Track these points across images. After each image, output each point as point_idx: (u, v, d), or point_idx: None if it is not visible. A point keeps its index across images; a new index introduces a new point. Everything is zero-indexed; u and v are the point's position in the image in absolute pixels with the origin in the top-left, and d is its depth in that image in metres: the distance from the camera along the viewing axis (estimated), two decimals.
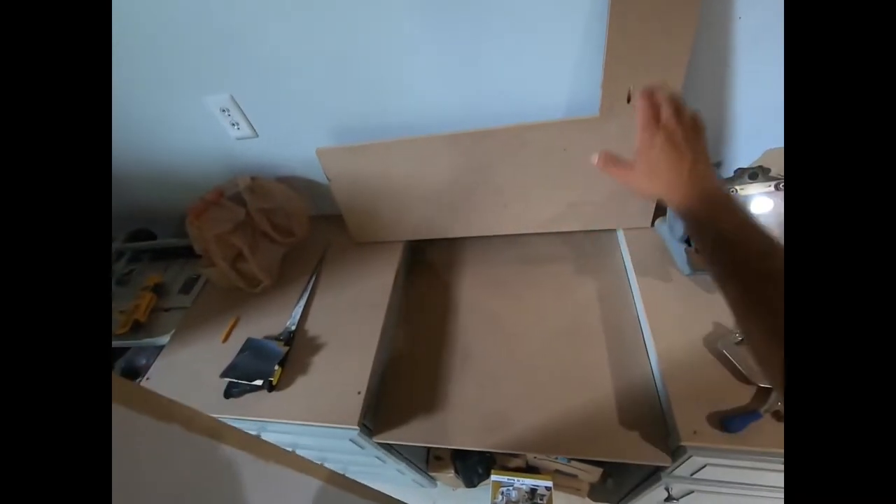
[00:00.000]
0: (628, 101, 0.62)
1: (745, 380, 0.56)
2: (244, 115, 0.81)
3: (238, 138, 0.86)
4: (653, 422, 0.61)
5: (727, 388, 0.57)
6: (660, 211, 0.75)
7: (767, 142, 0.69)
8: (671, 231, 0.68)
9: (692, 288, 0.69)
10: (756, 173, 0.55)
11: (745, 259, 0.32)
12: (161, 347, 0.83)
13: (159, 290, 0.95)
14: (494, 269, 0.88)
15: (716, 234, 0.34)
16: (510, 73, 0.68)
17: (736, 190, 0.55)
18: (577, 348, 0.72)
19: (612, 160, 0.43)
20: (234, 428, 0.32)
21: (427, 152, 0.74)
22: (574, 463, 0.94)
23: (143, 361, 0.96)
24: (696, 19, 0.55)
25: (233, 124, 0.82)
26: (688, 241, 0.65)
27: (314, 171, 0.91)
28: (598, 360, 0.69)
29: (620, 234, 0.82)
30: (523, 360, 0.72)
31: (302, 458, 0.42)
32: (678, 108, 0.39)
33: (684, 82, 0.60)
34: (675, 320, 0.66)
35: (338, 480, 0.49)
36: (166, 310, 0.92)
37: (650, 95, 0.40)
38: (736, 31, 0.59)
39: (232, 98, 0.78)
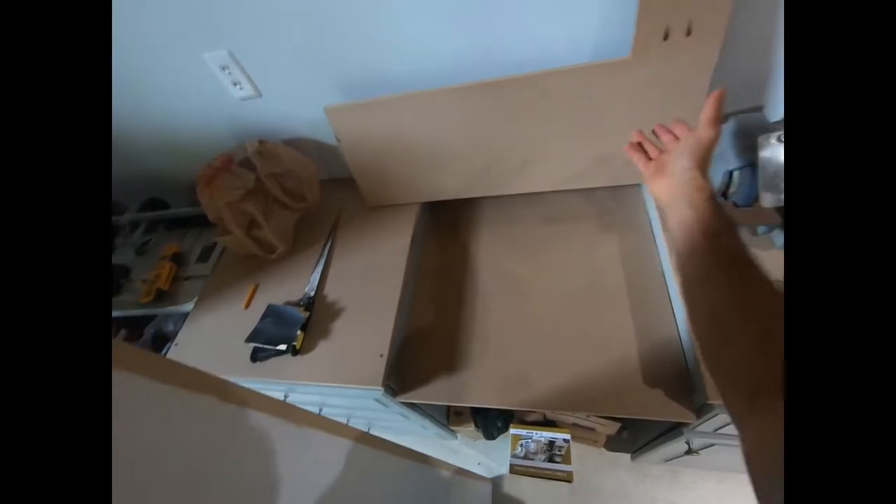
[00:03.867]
0: (664, 38, 0.56)
1: None
2: (245, 72, 0.76)
3: (241, 98, 0.82)
4: (677, 379, 0.60)
5: None
6: None
7: None
8: None
9: None
10: None
11: (705, 240, 0.37)
12: (186, 314, 0.85)
13: (178, 259, 0.96)
14: (514, 229, 0.85)
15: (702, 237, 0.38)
16: (528, 12, 0.61)
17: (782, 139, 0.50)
18: (600, 308, 0.70)
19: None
20: (265, 396, 0.32)
21: (439, 106, 0.69)
22: (593, 417, 0.96)
23: (171, 327, 0.98)
24: None
25: (234, 83, 0.78)
26: (724, 195, 0.60)
27: (322, 133, 0.87)
28: (621, 320, 0.68)
29: (645, 190, 0.78)
30: (544, 321, 0.72)
31: (331, 420, 0.43)
32: (654, 146, 0.52)
33: (729, 19, 0.53)
34: None
35: (367, 439, 0.51)
36: (186, 278, 0.93)
37: (633, 148, 0.54)
38: None
39: (231, 54, 0.73)
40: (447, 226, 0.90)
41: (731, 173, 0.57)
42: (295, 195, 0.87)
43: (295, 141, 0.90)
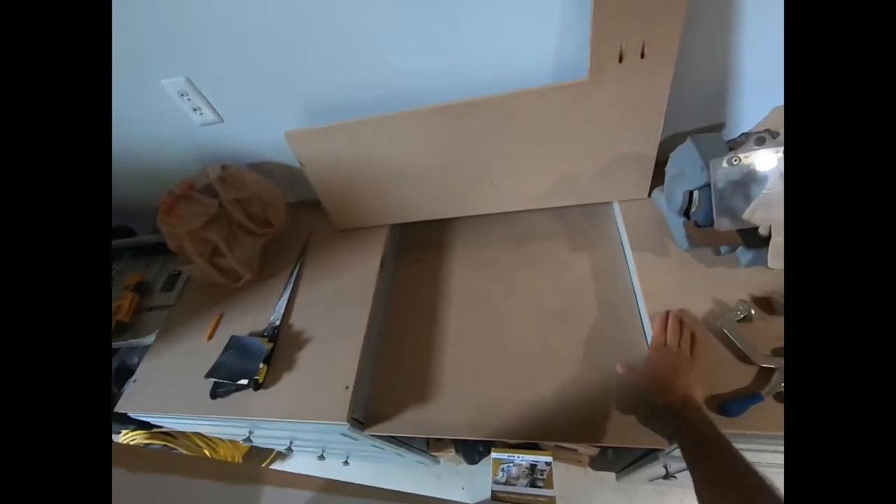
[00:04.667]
0: (619, 60, 0.56)
1: (746, 360, 0.53)
2: (205, 98, 0.75)
3: (203, 124, 0.80)
4: (649, 404, 0.59)
5: (727, 369, 0.54)
6: (657, 180, 0.69)
7: (776, 98, 0.62)
8: (669, 203, 0.63)
9: (691, 263, 0.65)
10: (763, 138, 0.49)
11: (701, 437, 0.46)
12: (147, 346, 0.81)
13: (141, 288, 0.92)
14: (485, 249, 0.84)
15: (685, 423, 0.48)
16: (490, 35, 0.61)
17: (739, 159, 0.50)
18: (572, 329, 0.69)
19: (629, 367, 0.59)
20: (185, 457, 0.30)
21: (404, 129, 0.69)
22: None
23: (136, 360, 0.94)
24: None
25: (194, 109, 0.76)
26: (686, 214, 0.60)
27: (288, 156, 0.85)
28: (593, 341, 0.67)
29: (616, 207, 0.77)
30: (517, 344, 0.70)
31: (284, 473, 0.40)
32: (680, 333, 0.56)
33: (682, 35, 0.53)
34: (673, 297, 0.62)
35: (333, 488, 0.48)
36: (150, 309, 0.89)
37: (663, 320, 0.58)
38: None
39: (189, 80, 0.72)
40: (418, 247, 0.88)
41: (690, 193, 0.57)
42: (260, 220, 0.85)
43: (260, 165, 0.88)
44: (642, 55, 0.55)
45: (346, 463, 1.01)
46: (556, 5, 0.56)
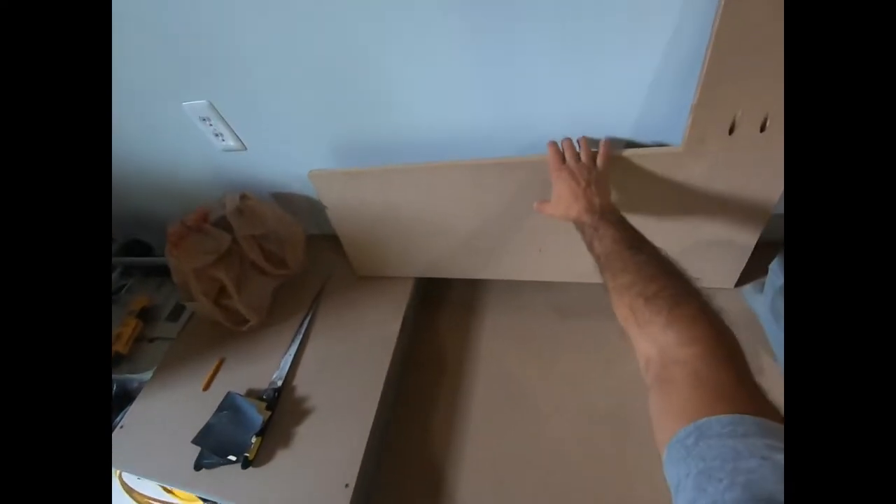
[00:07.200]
0: (730, 132, 0.43)
1: None
2: (228, 125, 0.67)
3: (224, 150, 0.73)
4: None
5: None
6: (752, 273, 0.56)
7: None
8: (771, 307, 0.49)
9: None
10: None
11: (617, 247, 0.41)
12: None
13: (146, 314, 0.86)
14: (522, 318, 0.72)
15: (598, 233, 0.44)
16: (560, 84, 0.50)
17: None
18: (624, 442, 0.56)
19: (542, 203, 0.53)
20: None
21: (443, 181, 0.58)
22: None
23: (135, 384, 0.88)
24: None
25: (216, 135, 0.69)
26: None
27: (313, 189, 0.78)
28: (652, 465, 0.54)
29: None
30: (552, 448, 0.58)
31: None
32: (575, 151, 0.50)
33: None
34: None
35: None
36: (151, 340, 0.83)
37: (553, 143, 0.52)
38: None
39: (211, 105, 0.64)
40: (445, 305, 0.78)
41: None
42: (276, 260, 0.77)
43: (283, 195, 0.81)
44: (762, 128, 0.42)
45: None
46: (654, 58, 0.44)
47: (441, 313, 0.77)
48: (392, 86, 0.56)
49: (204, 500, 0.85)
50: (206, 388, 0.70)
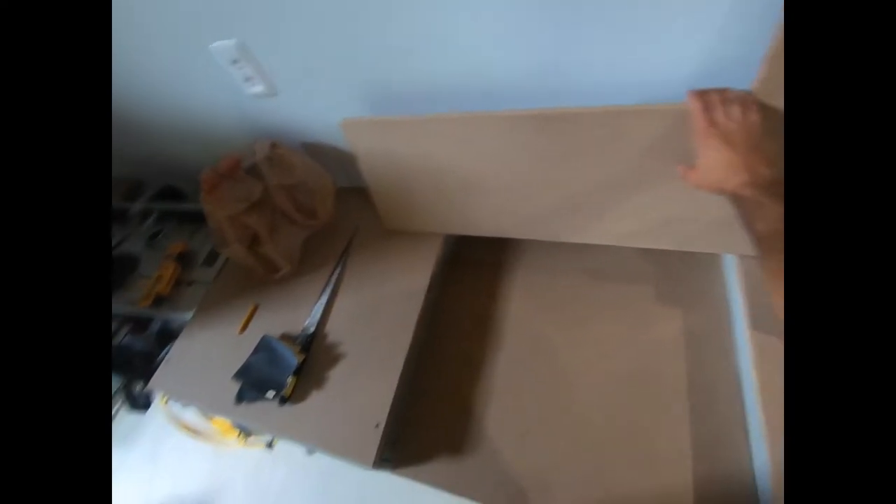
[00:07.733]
0: None
1: None
2: (259, 67, 0.65)
3: (254, 95, 0.71)
4: None
5: None
6: None
7: None
8: None
9: None
10: None
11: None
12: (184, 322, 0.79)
13: (184, 258, 0.89)
14: (553, 280, 0.71)
15: (761, 210, 0.37)
16: (616, 30, 0.45)
17: None
18: (650, 406, 0.57)
19: (685, 169, 0.45)
20: None
21: (479, 134, 0.56)
22: None
23: (177, 323, 0.94)
24: None
25: (246, 79, 0.67)
26: None
27: (343, 139, 0.76)
28: (675, 428, 0.54)
29: (729, 261, 0.61)
30: (576, 410, 0.59)
31: None
32: (729, 106, 0.40)
33: None
34: None
35: None
36: (190, 283, 0.86)
37: (701, 97, 0.41)
38: None
39: (242, 46, 0.62)
40: (475, 264, 0.77)
41: None
42: (306, 210, 0.77)
43: (313, 146, 0.79)
44: None
45: None
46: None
47: (470, 271, 0.77)
48: (433, 27, 0.52)
49: (240, 430, 0.92)
50: (243, 331, 0.73)
